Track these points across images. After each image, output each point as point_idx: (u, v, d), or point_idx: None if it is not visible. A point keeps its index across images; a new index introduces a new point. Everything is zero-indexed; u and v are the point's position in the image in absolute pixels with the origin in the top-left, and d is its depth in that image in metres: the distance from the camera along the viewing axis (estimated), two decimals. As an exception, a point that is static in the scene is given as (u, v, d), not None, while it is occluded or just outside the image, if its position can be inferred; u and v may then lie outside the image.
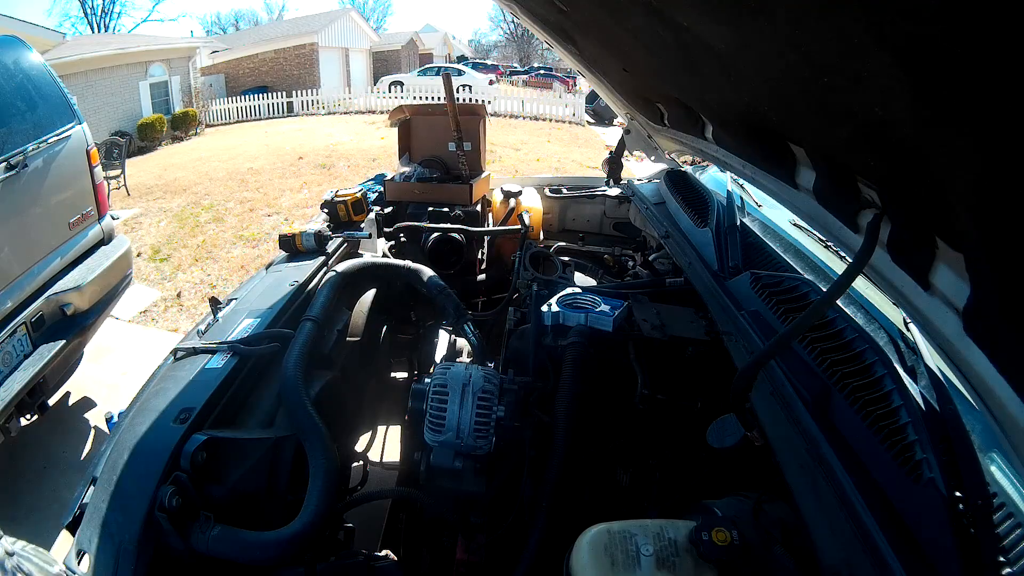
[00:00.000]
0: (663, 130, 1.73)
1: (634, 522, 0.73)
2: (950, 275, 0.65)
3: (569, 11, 1.20)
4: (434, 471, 1.03)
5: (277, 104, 15.11)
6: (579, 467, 1.10)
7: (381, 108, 15.16)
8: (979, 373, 0.61)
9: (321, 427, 0.95)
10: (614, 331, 1.15)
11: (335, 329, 1.29)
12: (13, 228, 2.20)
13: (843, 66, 0.55)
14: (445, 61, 31.44)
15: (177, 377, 1.04)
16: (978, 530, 0.64)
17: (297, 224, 1.68)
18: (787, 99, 0.76)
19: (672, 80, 1.20)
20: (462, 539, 1.07)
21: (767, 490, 0.81)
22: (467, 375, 1.04)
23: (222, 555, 0.80)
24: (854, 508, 0.70)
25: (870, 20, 0.44)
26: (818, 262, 1.37)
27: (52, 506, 2.16)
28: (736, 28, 0.67)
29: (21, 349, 2.12)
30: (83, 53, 10.59)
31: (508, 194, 2.15)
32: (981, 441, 0.77)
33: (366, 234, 1.74)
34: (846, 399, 0.85)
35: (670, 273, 1.67)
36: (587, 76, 1.82)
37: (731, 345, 1.07)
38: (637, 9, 0.84)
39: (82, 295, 2.37)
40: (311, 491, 0.88)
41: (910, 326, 1.03)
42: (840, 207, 0.83)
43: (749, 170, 1.16)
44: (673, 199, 1.82)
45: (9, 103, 2.33)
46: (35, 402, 2.24)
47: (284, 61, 18.07)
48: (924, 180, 0.58)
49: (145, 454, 0.87)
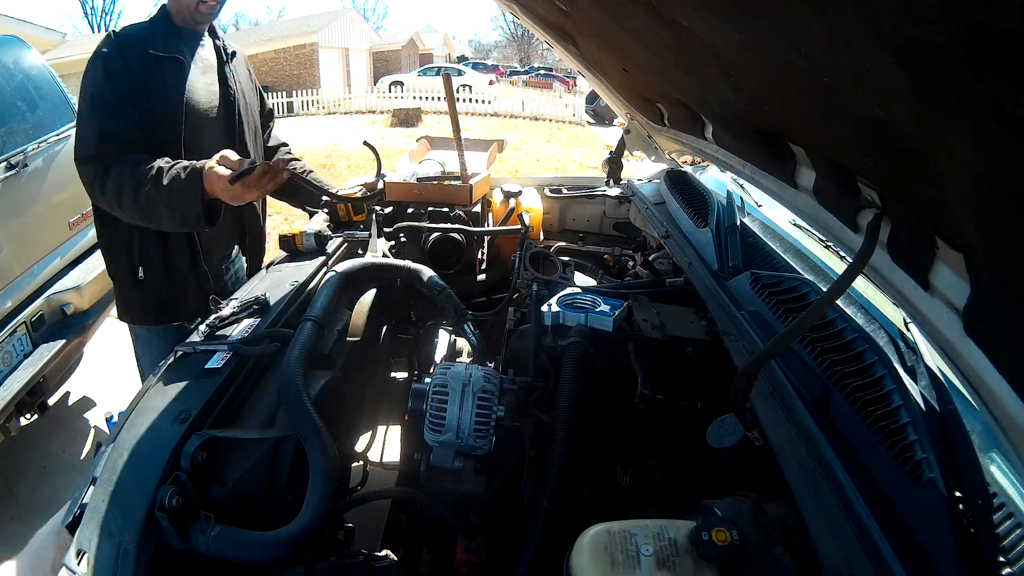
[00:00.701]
0: (663, 130, 1.73)
1: (634, 522, 0.73)
2: (950, 275, 0.65)
3: (569, 11, 1.20)
4: (434, 471, 1.03)
5: (277, 104, 15.10)
6: (579, 467, 1.10)
7: (381, 108, 15.17)
8: (979, 373, 0.61)
9: (321, 427, 0.95)
10: (614, 331, 1.15)
11: (335, 329, 1.29)
12: (13, 228, 2.20)
13: (843, 66, 0.55)
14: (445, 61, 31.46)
15: (177, 377, 1.04)
16: (978, 530, 0.64)
17: (297, 224, 1.68)
18: (787, 99, 0.76)
19: (672, 80, 1.20)
20: (462, 539, 1.07)
21: (767, 490, 0.81)
22: (467, 375, 1.04)
23: (222, 555, 0.80)
24: (854, 508, 0.70)
25: (870, 20, 0.44)
26: (818, 262, 1.38)
27: (52, 506, 2.16)
28: (736, 28, 0.67)
29: (21, 349, 2.12)
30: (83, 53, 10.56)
31: (508, 194, 2.15)
32: (981, 441, 0.77)
33: (368, 234, 1.74)
34: (846, 399, 0.85)
35: (670, 273, 1.67)
36: (587, 76, 1.83)
37: (731, 345, 1.07)
38: (637, 9, 0.84)
39: (82, 295, 2.37)
40: (311, 491, 0.88)
41: (910, 326, 1.03)
42: (840, 207, 0.83)
43: (749, 170, 1.16)
44: (673, 199, 1.82)
45: (9, 103, 2.33)
46: (35, 402, 2.24)
47: (284, 61, 18.08)
48: (924, 180, 0.58)
49: (145, 454, 0.87)
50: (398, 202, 2.07)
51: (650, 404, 1.08)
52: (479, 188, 2.11)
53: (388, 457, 1.61)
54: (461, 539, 1.07)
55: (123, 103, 1.45)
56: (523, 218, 1.95)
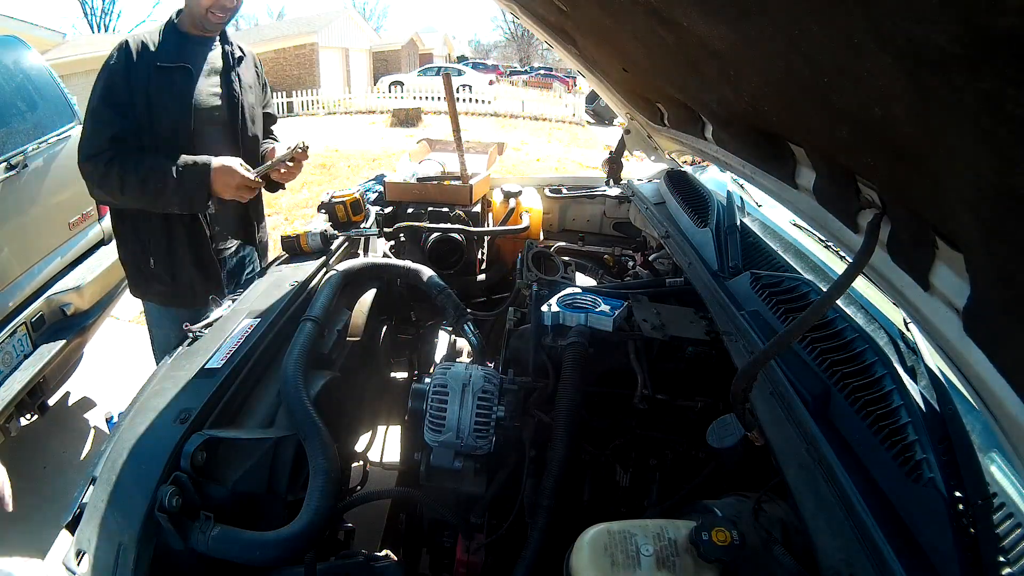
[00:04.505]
0: (663, 130, 1.73)
1: (634, 522, 0.73)
2: (950, 275, 0.65)
3: (569, 11, 1.20)
4: (434, 471, 1.03)
5: (277, 104, 14.94)
6: (579, 467, 1.10)
7: (382, 108, 15.17)
8: (979, 373, 0.61)
9: (321, 427, 0.95)
10: (614, 331, 1.15)
11: (335, 329, 1.29)
12: (13, 228, 2.20)
13: (843, 66, 0.55)
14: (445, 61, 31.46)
15: (177, 377, 1.04)
16: (978, 530, 0.64)
17: (297, 224, 1.68)
18: (787, 99, 0.76)
19: (672, 80, 1.20)
20: (462, 539, 1.07)
21: (767, 490, 0.81)
22: (467, 375, 1.04)
23: (222, 555, 0.80)
24: (854, 508, 0.70)
25: (870, 20, 0.44)
26: (818, 262, 1.38)
27: (52, 506, 2.16)
28: (736, 28, 0.67)
29: (21, 349, 2.12)
30: (83, 53, 10.58)
31: (508, 194, 2.15)
32: (981, 441, 0.77)
33: (374, 232, 1.75)
34: (846, 399, 0.85)
35: (670, 273, 1.67)
36: (587, 76, 1.82)
37: (731, 345, 1.07)
38: (637, 9, 0.84)
39: (82, 295, 2.36)
40: (311, 491, 0.88)
41: (910, 326, 1.03)
42: (840, 207, 0.83)
43: (749, 170, 1.16)
44: (673, 199, 1.82)
45: (9, 103, 2.33)
46: (35, 402, 2.24)
47: (284, 61, 18.07)
48: (924, 180, 0.58)
49: (145, 454, 0.87)
50: (398, 202, 2.08)
51: (650, 404, 1.08)
52: (479, 188, 2.11)
53: (388, 457, 1.61)
54: (461, 539, 1.07)
55: (129, 110, 1.53)
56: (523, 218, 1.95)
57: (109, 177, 1.50)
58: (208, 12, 1.57)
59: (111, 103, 1.52)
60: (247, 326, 1.19)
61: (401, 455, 1.58)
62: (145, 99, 1.54)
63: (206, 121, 1.63)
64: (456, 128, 2.02)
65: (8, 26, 8.29)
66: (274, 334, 1.19)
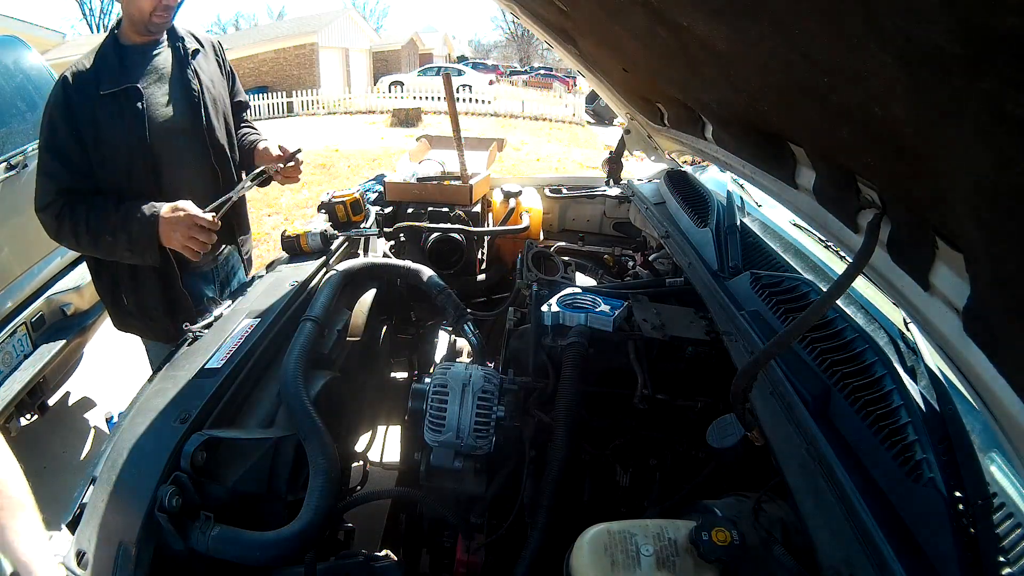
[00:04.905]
0: (663, 130, 1.73)
1: (634, 522, 0.73)
2: (950, 275, 0.65)
3: (569, 11, 1.20)
4: (434, 471, 1.03)
5: (277, 104, 15.10)
6: (579, 467, 1.10)
7: (382, 108, 15.17)
8: (979, 373, 0.61)
9: (321, 427, 0.95)
10: (614, 331, 1.15)
11: (335, 329, 1.29)
12: (13, 228, 2.20)
13: (843, 66, 0.55)
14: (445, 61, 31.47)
15: (177, 377, 1.04)
16: (978, 530, 0.64)
17: (297, 224, 1.68)
18: (787, 99, 0.76)
19: (672, 80, 1.20)
20: (462, 539, 1.07)
21: (767, 490, 0.81)
22: (467, 375, 1.04)
23: (222, 555, 0.80)
24: (854, 508, 0.70)
25: (870, 20, 0.44)
26: (818, 262, 1.38)
27: (52, 506, 2.15)
28: (736, 28, 0.67)
29: (21, 349, 2.12)
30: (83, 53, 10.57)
31: (508, 194, 2.15)
32: (981, 441, 0.77)
33: (374, 232, 1.75)
34: (846, 399, 0.85)
35: (670, 273, 1.67)
36: (587, 76, 1.83)
37: (731, 345, 1.07)
38: (637, 9, 0.84)
39: (82, 295, 2.37)
40: (311, 491, 0.88)
41: (910, 326, 1.03)
42: (840, 207, 0.83)
43: (749, 170, 1.16)
44: (673, 199, 1.82)
45: (9, 103, 2.33)
46: (35, 402, 2.24)
47: (284, 61, 18.07)
48: (924, 180, 0.58)
49: (145, 454, 0.87)
50: (398, 202, 2.08)
51: (650, 404, 1.08)
52: (479, 188, 2.11)
53: (388, 457, 1.61)
54: (461, 539, 1.07)
55: (75, 155, 1.44)
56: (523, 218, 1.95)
57: (63, 230, 1.43)
58: (152, 16, 1.46)
59: (54, 151, 1.42)
60: (247, 326, 1.19)
61: (401, 455, 1.58)
62: (93, 134, 1.43)
63: (167, 133, 1.52)
64: (456, 128, 2.02)
65: (8, 26, 8.29)
66: (274, 334, 1.19)
